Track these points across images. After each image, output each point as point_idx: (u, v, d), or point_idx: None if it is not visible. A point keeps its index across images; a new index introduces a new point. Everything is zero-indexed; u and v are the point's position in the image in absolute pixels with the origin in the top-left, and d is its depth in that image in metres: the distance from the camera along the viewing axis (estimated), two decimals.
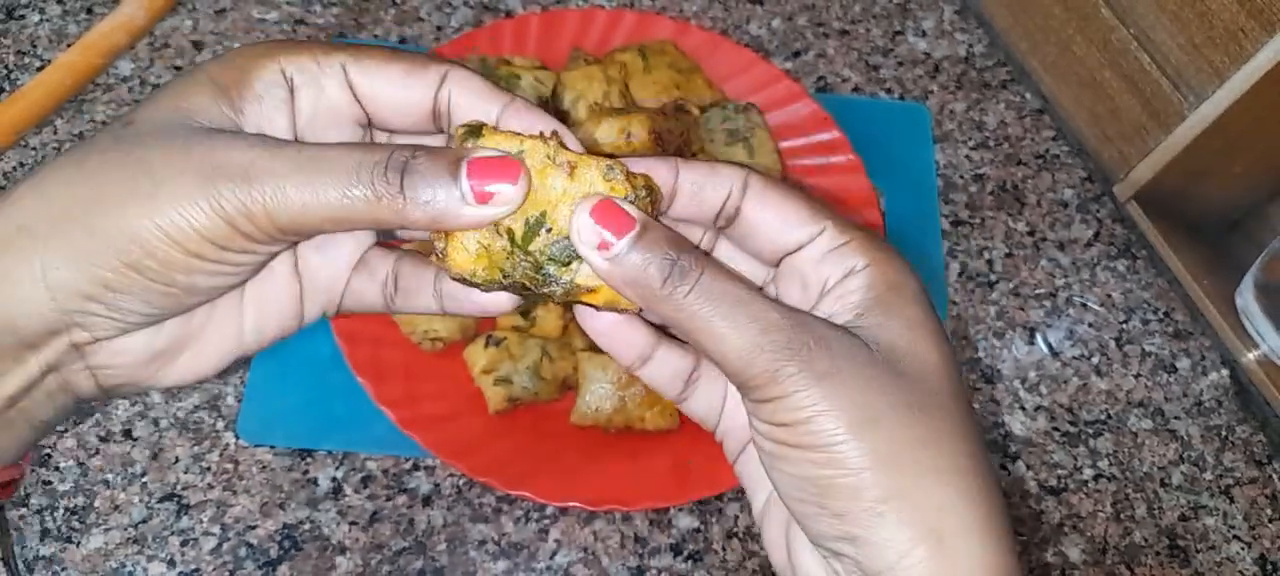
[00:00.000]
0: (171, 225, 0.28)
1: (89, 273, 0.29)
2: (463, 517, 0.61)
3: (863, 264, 0.33)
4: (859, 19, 0.88)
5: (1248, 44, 0.64)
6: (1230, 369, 0.73)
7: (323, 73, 0.32)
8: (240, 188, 0.28)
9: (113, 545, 0.58)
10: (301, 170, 0.29)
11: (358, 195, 0.29)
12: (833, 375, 0.29)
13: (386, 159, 0.30)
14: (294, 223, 0.29)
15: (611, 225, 0.30)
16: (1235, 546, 0.66)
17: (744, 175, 0.33)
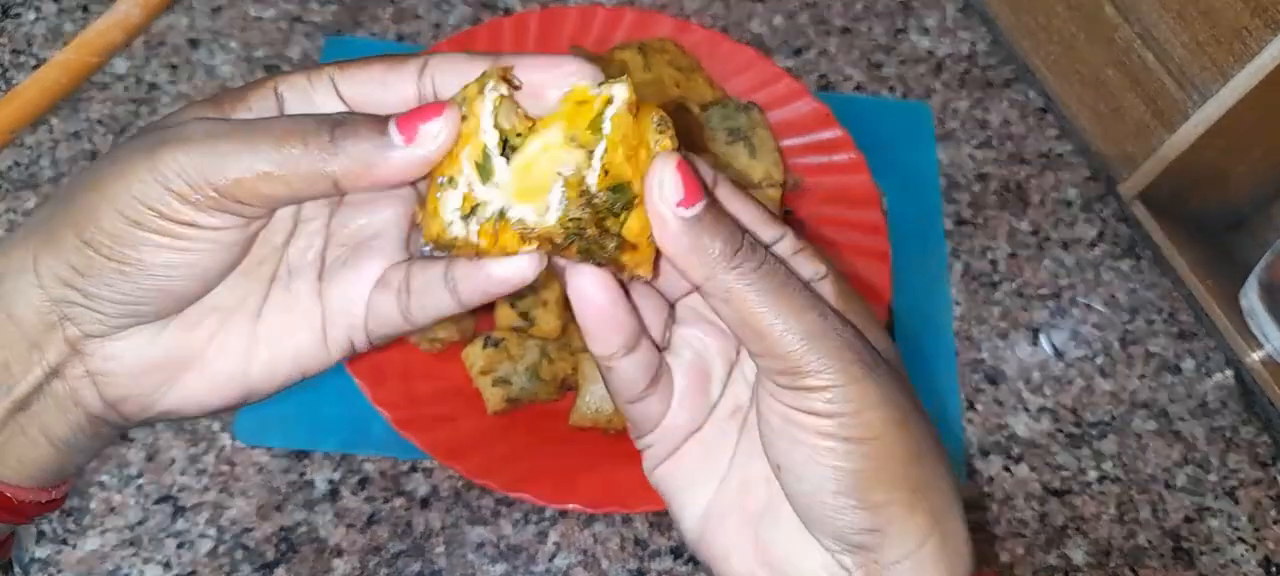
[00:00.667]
0: (116, 196, 0.29)
1: (60, 255, 0.30)
2: (461, 520, 0.61)
3: (821, 272, 0.33)
4: (861, 16, 0.88)
5: (1252, 42, 0.64)
6: (1235, 370, 0.72)
7: (313, 88, 0.32)
8: (178, 151, 0.29)
9: (108, 547, 0.58)
10: (238, 133, 0.30)
11: (291, 151, 0.29)
12: (880, 368, 0.30)
13: (318, 120, 0.30)
14: (231, 185, 0.29)
15: (692, 186, 0.29)
16: (1240, 548, 0.65)
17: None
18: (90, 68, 0.75)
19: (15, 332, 0.31)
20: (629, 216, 0.29)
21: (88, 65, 0.74)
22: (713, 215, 0.29)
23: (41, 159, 0.71)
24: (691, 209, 0.29)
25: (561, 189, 0.29)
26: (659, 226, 0.29)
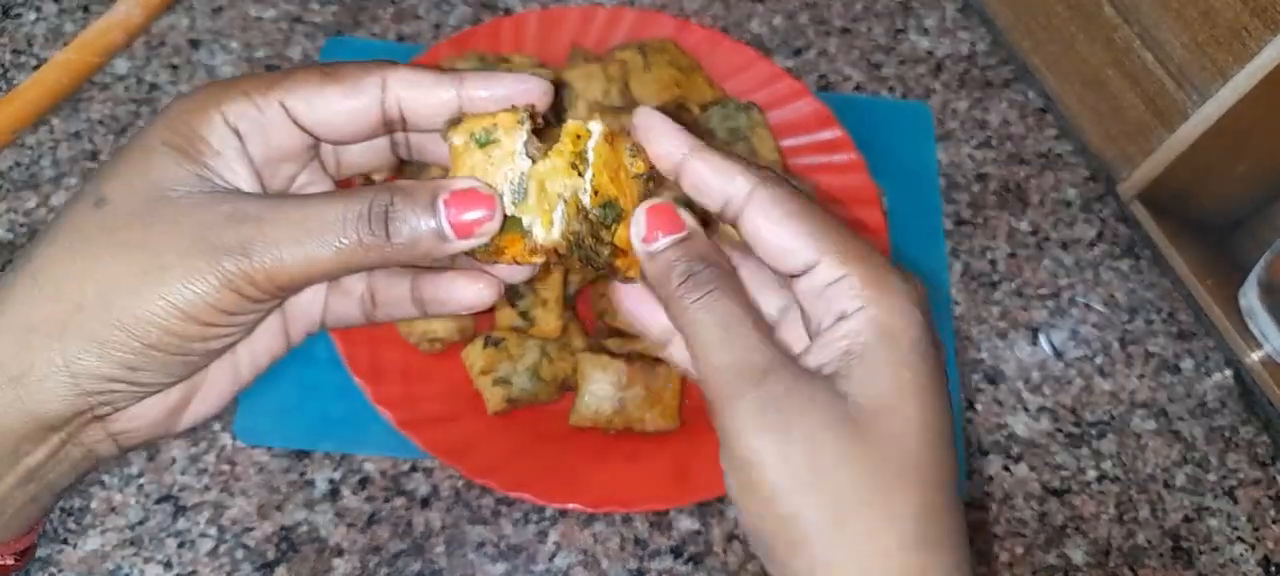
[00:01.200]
0: (185, 303, 0.31)
1: (113, 358, 0.31)
2: (461, 519, 0.61)
3: (855, 306, 0.32)
4: (861, 17, 0.88)
5: (1251, 42, 0.64)
6: (1234, 370, 0.72)
7: (263, 115, 0.34)
8: (241, 259, 0.31)
9: (109, 546, 0.58)
10: (292, 233, 0.31)
11: (347, 246, 0.32)
12: (780, 428, 0.30)
13: (367, 209, 0.32)
14: (293, 281, 0.32)
15: (664, 225, 0.34)
16: (1239, 548, 0.65)
17: (752, 186, 0.33)
18: (91, 68, 0.75)
19: (36, 425, 0.32)
20: (619, 227, 0.34)
21: (88, 65, 0.75)
22: (683, 248, 0.33)
23: (42, 159, 0.71)
24: (654, 244, 0.34)
25: (563, 208, 0.33)
26: (635, 249, 0.35)
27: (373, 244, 0.32)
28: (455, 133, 0.34)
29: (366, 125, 0.35)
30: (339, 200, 0.32)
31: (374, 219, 0.32)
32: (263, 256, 0.31)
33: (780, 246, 0.33)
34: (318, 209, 0.32)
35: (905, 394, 0.31)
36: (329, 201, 0.32)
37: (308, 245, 0.31)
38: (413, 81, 0.34)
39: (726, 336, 0.32)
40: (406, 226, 0.32)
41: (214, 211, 0.32)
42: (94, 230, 0.31)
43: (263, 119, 0.34)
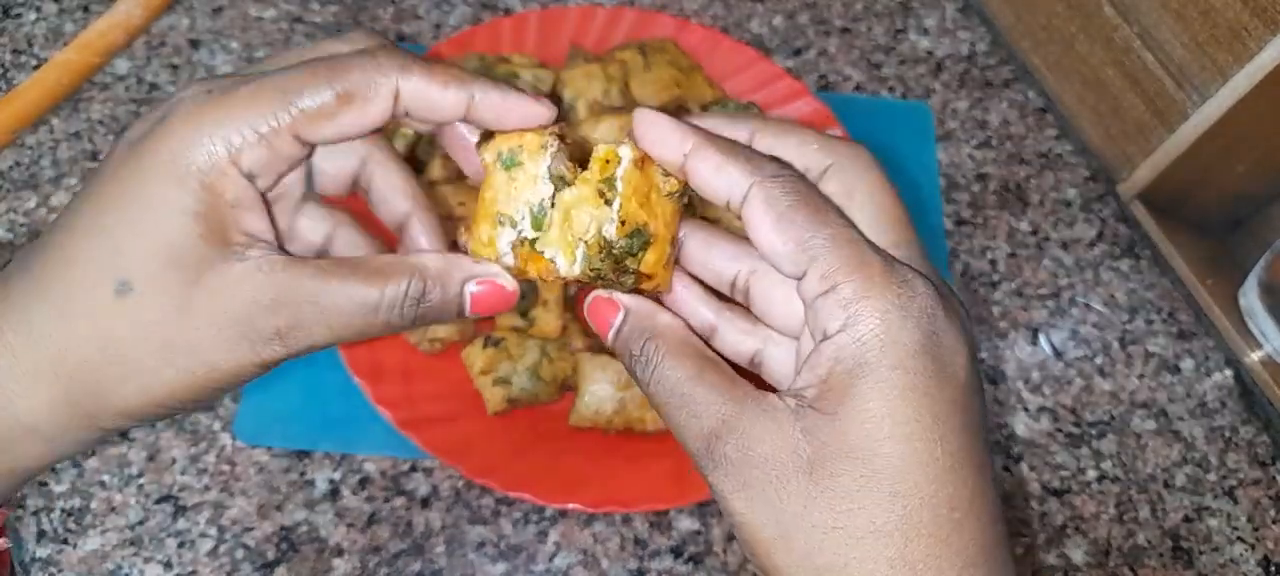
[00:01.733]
0: (222, 384, 0.33)
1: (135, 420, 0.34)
2: (461, 519, 0.61)
3: (837, 325, 0.29)
4: (861, 17, 0.88)
5: (1251, 42, 0.64)
6: (1234, 369, 0.72)
7: (275, 152, 0.33)
8: (277, 346, 0.33)
9: (109, 547, 0.58)
10: (328, 320, 0.33)
11: (376, 327, 0.34)
12: (742, 489, 0.30)
13: (403, 295, 0.34)
14: (319, 348, 0.34)
15: (601, 321, 0.36)
16: (1239, 548, 0.65)
17: (748, 184, 0.32)
18: (91, 68, 0.75)
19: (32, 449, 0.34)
20: (646, 253, 0.34)
21: (89, 65, 0.75)
22: (624, 334, 0.35)
23: (42, 159, 0.71)
24: (606, 338, 0.36)
25: (583, 249, 0.34)
26: None
27: (400, 326, 0.34)
28: (485, 149, 0.35)
29: (346, 180, 0.38)
30: (375, 283, 0.33)
31: (407, 306, 0.34)
32: (295, 342, 0.33)
33: (773, 252, 0.32)
34: (355, 292, 0.33)
35: (883, 432, 0.28)
36: (365, 284, 0.33)
37: (341, 332, 0.33)
38: (423, 90, 0.34)
39: (680, 403, 0.32)
40: (433, 312, 0.35)
41: (252, 299, 0.32)
42: (123, 326, 0.31)
43: (276, 155, 0.33)
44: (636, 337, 0.34)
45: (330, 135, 0.34)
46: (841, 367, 0.29)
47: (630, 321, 0.35)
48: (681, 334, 0.35)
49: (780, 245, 0.31)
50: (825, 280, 0.30)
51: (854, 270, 0.30)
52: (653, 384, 0.33)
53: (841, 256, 0.30)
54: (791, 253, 0.31)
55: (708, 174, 0.33)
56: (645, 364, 0.34)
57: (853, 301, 0.29)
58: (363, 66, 0.33)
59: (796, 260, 0.31)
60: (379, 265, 0.34)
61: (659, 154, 0.34)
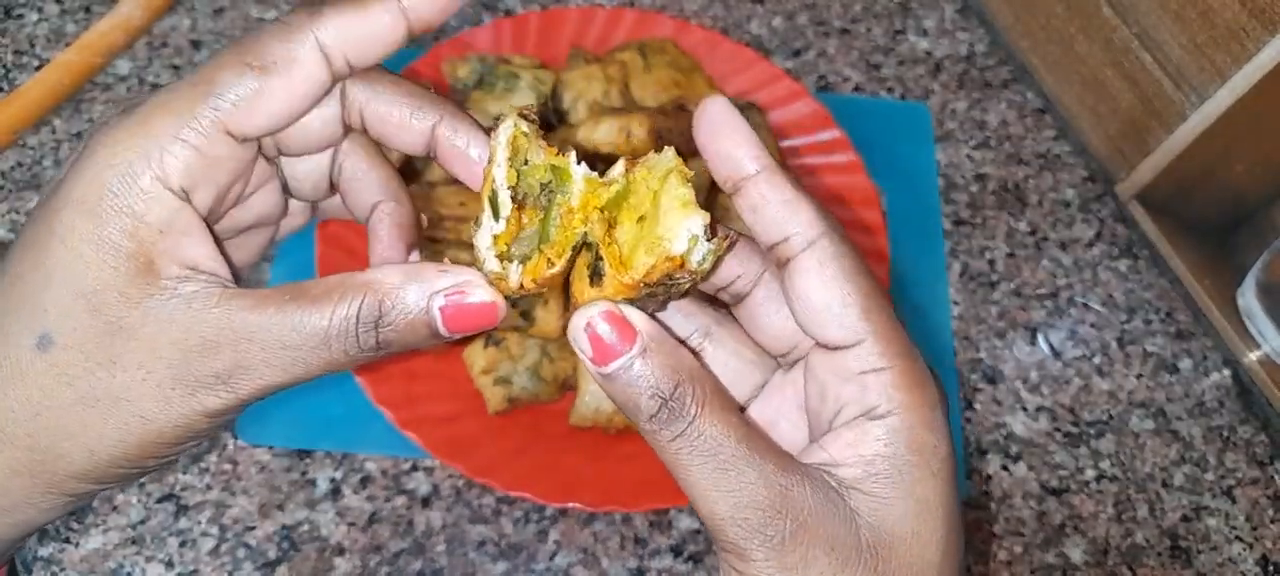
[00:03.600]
0: (162, 438, 0.30)
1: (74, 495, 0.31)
2: (462, 518, 0.61)
3: (887, 408, 0.29)
4: (860, 18, 0.88)
5: (1249, 43, 0.64)
6: (1232, 369, 0.72)
7: (208, 157, 0.30)
8: (222, 392, 0.30)
9: (111, 545, 0.58)
10: (276, 358, 0.29)
11: (335, 360, 0.30)
12: (800, 568, 0.28)
13: (355, 320, 0.30)
14: (275, 392, 0.31)
15: (607, 349, 0.29)
16: (1237, 547, 0.65)
17: (818, 233, 0.30)
18: (93, 69, 0.75)
19: None
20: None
21: (90, 66, 0.75)
22: (644, 366, 0.29)
23: (44, 159, 0.71)
24: (609, 366, 0.29)
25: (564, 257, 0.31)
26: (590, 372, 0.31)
27: (363, 356, 0.30)
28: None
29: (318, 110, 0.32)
30: (323, 308, 0.29)
31: (362, 331, 0.29)
32: (243, 387, 0.29)
33: (826, 311, 0.29)
34: (299, 322, 0.29)
35: (928, 521, 0.29)
36: (310, 310, 0.29)
37: (295, 370, 0.29)
38: (348, 30, 0.31)
39: (723, 477, 0.28)
40: (398, 335, 0.30)
41: (183, 341, 0.29)
42: (48, 383, 0.29)
43: (209, 162, 0.30)
44: (665, 379, 0.29)
45: (266, 120, 0.30)
46: (890, 451, 0.29)
47: (655, 357, 0.29)
48: (717, 381, 0.30)
49: (839, 308, 0.29)
50: (881, 358, 0.29)
51: (903, 356, 0.30)
52: (683, 441, 0.28)
53: (895, 339, 0.30)
54: (852, 319, 0.29)
55: (774, 202, 0.30)
56: (678, 416, 0.28)
57: (901, 388, 0.29)
58: (273, 31, 0.30)
59: (854, 329, 0.29)
60: (326, 286, 0.30)
61: (723, 151, 0.30)
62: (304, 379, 0.30)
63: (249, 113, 0.30)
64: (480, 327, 0.31)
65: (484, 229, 0.31)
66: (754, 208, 0.30)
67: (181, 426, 0.30)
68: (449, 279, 0.30)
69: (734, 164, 0.30)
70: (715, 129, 0.30)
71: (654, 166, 0.31)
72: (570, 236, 0.31)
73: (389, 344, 0.30)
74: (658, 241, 0.29)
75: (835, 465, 0.29)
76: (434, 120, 0.33)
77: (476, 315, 0.30)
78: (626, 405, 0.29)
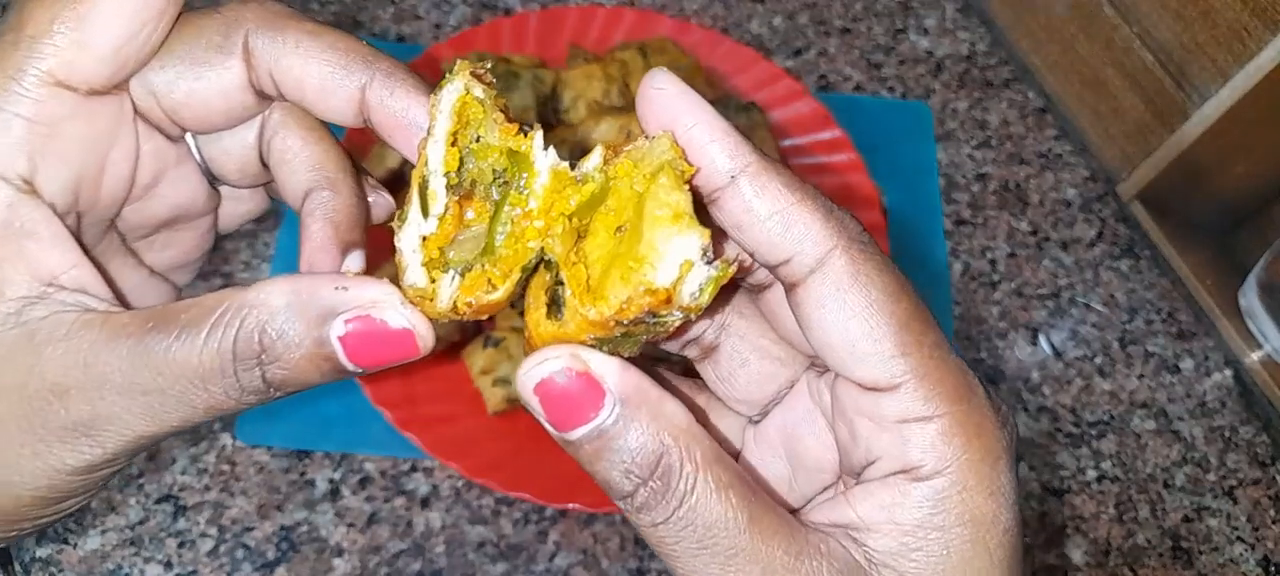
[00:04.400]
0: (27, 498, 0.25)
1: None
2: (461, 519, 0.61)
3: (935, 466, 0.23)
4: (860, 17, 0.88)
5: (1250, 43, 0.64)
6: (1234, 369, 0.72)
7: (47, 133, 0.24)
8: (85, 445, 0.24)
9: (109, 546, 0.58)
10: (142, 405, 0.23)
11: (218, 402, 0.24)
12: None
13: (232, 353, 0.23)
14: (157, 442, 0.25)
15: (571, 413, 0.22)
16: (1239, 548, 0.65)
17: (829, 247, 0.23)
18: None
19: None
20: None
21: None
22: (622, 431, 0.22)
23: None
24: (574, 433, 0.23)
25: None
26: None
27: (251, 400, 0.24)
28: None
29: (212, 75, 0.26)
30: (191, 338, 0.23)
31: (242, 370, 0.23)
32: (110, 440, 0.24)
33: (849, 350, 0.23)
34: (163, 358, 0.23)
35: None
36: (177, 340, 0.23)
37: (164, 416, 0.24)
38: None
39: (725, 552, 0.22)
40: (292, 376, 0.24)
41: (25, 386, 0.23)
42: None
43: (48, 129, 0.24)
44: (646, 451, 0.22)
45: (107, 50, 0.24)
46: (937, 521, 0.23)
47: (632, 422, 0.22)
48: (713, 446, 0.24)
49: (867, 344, 0.23)
50: (925, 403, 0.23)
51: (953, 398, 0.23)
52: (669, 528, 0.23)
53: (943, 375, 0.23)
54: (882, 359, 0.23)
55: (765, 222, 0.23)
56: (662, 498, 0.22)
57: (954, 438, 0.23)
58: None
59: (888, 370, 0.23)
60: (201, 308, 0.24)
61: (698, 157, 0.24)
62: (184, 427, 0.24)
63: (79, 49, 0.23)
64: (397, 361, 0.24)
65: (409, 226, 0.24)
66: (739, 226, 0.24)
67: (43, 489, 0.24)
68: (352, 298, 0.23)
69: (712, 172, 0.23)
70: (667, 116, 0.24)
71: (642, 158, 0.24)
72: (522, 252, 0.24)
73: (282, 384, 0.24)
74: (639, 265, 0.22)
75: (864, 530, 0.24)
76: (363, 80, 0.27)
77: (390, 345, 0.23)
78: (597, 479, 0.23)
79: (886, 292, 0.23)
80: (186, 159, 0.29)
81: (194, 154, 0.29)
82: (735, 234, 0.24)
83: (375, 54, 0.27)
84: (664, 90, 0.24)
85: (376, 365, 0.24)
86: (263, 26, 0.26)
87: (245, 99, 0.27)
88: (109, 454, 0.24)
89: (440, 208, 0.24)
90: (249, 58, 0.26)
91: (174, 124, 0.27)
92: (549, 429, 0.23)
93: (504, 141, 0.25)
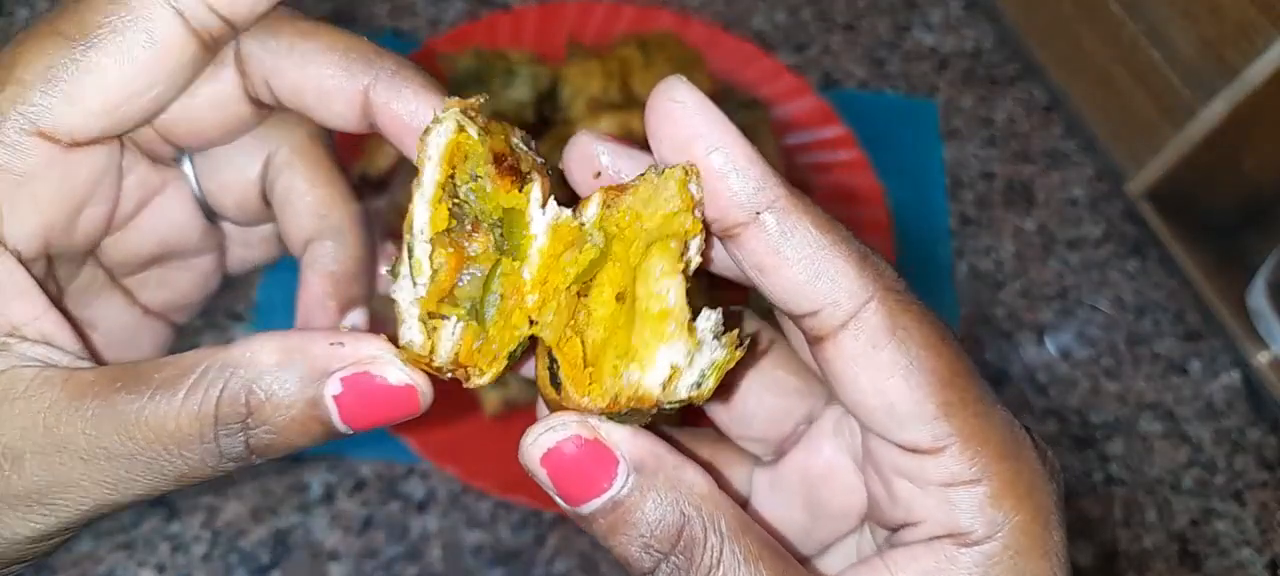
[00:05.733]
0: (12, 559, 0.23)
1: None
2: (458, 523, 0.60)
3: (986, 531, 0.21)
4: (864, 12, 0.87)
5: (1259, 40, 0.63)
6: (1242, 371, 0.71)
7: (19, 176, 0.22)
8: (40, 516, 0.22)
9: (103, 550, 0.57)
10: (94, 473, 0.21)
11: (199, 470, 0.22)
12: None
13: (213, 417, 0.21)
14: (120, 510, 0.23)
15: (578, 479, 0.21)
16: (1246, 551, 0.64)
17: (864, 299, 0.21)
18: None
19: None
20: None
21: None
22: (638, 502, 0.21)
23: None
24: (586, 507, 0.21)
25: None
26: None
27: (228, 467, 0.22)
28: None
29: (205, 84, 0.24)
30: (168, 399, 0.21)
31: (224, 435, 0.21)
32: (65, 509, 0.22)
33: (887, 413, 0.21)
34: (133, 420, 0.21)
35: None
36: (150, 401, 0.21)
37: (129, 485, 0.21)
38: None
39: None
40: (280, 441, 0.22)
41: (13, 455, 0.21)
42: None
43: (18, 178, 0.22)
44: (665, 523, 0.21)
45: (98, 108, 0.22)
46: None
47: (649, 492, 0.21)
48: (740, 513, 0.22)
49: (908, 406, 0.21)
50: (972, 465, 0.21)
51: (1002, 457, 0.22)
52: None
53: (989, 437, 0.22)
54: (924, 421, 0.21)
55: (794, 267, 0.21)
56: (693, 569, 0.21)
57: (1003, 501, 0.21)
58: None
59: (933, 432, 0.21)
60: (178, 367, 0.22)
61: (717, 194, 0.21)
62: (150, 496, 0.22)
63: (69, 102, 0.22)
64: (397, 419, 0.23)
65: (405, 281, 0.22)
66: (762, 268, 0.21)
67: (27, 550, 0.23)
68: (349, 353, 0.22)
69: (728, 210, 0.21)
70: (683, 136, 0.21)
71: (648, 203, 0.22)
72: (510, 336, 0.23)
73: (267, 449, 0.22)
74: (627, 359, 0.21)
75: None
76: (366, 82, 0.24)
77: (390, 403, 0.22)
78: (614, 554, 0.22)
79: (927, 347, 0.21)
80: (173, 187, 0.27)
81: (191, 184, 0.27)
82: (756, 277, 0.22)
83: (378, 52, 0.25)
84: (682, 105, 0.21)
85: (372, 425, 0.22)
86: (255, 30, 0.24)
87: (241, 110, 0.25)
88: (62, 523, 0.22)
89: (426, 278, 0.22)
90: (243, 65, 0.24)
91: (165, 143, 0.25)
92: (559, 502, 0.22)
93: (497, 198, 0.22)
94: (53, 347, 0.23)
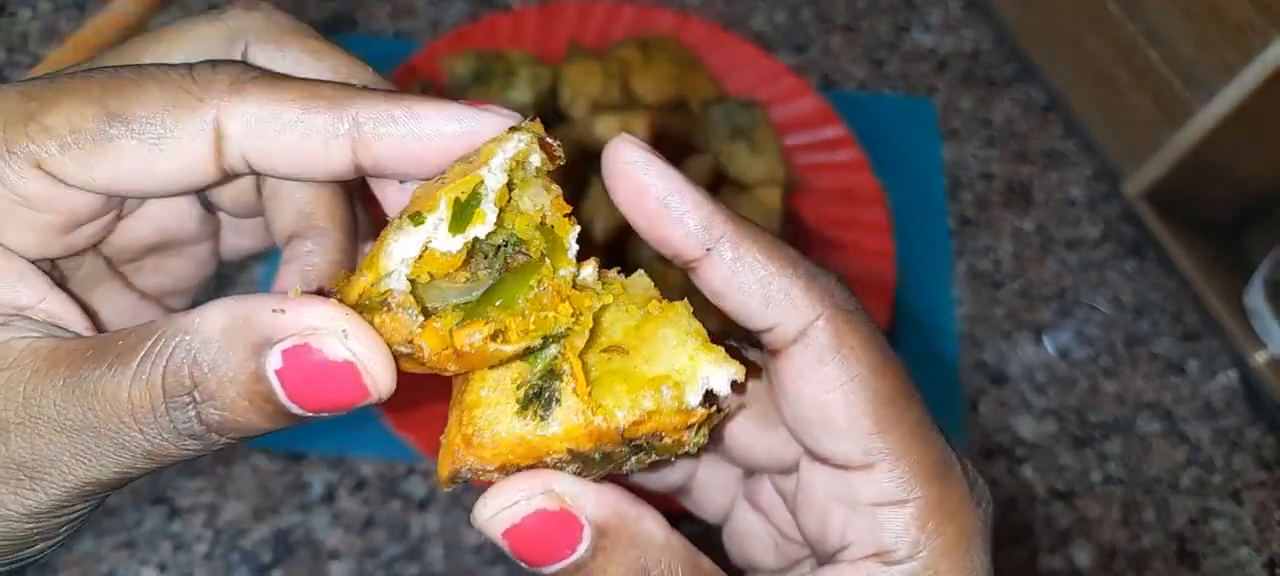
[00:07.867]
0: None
1: None
2: (459, 522, 0.60)
3: (909, 551, 0.22)
4: (864, 13, 0.87)
5: (1258, 40, 0.63)
6: (1240, 370, 0.71)
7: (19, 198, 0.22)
8: (31, 492, 0.22)
9: (104, 549, 0.57)
10: (70, 446, 0.21)
11: (157, 449, 0.21)
12: None
13: (160, 390, 0.20)
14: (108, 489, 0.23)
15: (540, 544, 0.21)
16: (1245, 550, 0.65)
17: (811, 319, 0.22)
18: None
19: None
20: None
21: None
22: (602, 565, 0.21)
23: None
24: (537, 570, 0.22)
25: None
26: None
27: (189, 445, 0.21)
28: None
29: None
30: (122, 370, 0.20)
31: (174, 408, 0.20)
32: (52, 484, 0.21)
33: (823, 423, 0.23)
34: (95, 391, 0.20)
35: None
36: (110, 374, 0.20)
37: (100, 460, 0.21)
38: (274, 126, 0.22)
39: None
40: (232, 419, 0.21)
41: None
42: None
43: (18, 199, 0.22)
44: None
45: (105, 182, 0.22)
46: None
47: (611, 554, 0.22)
48: (694, 556, 0.24)
49: (842, 419, 0.22)
50: (900, 486, 0.22)
51: (929, 480, 0.23)
52: None
53: (920, 460, 0.23)
54: (857, 435, 0.22)
55: (743, 292, 0.23)
56: None
57: (927, 526, 0.23)
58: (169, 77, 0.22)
59: (865, 447, 0.22)
60: (137, 334, 0.21)
61: (663, 237, 0.23)
62: (126, 475, 0.21)
63: (81, 167, 0.22)
64: (346, 403, 0.21)
65: (418, 233, 0.22)
66: (718, 294, 0.23)
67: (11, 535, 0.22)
68: (288, 322, 0.20)
69: (683, 252, 0.23)
70: (634, 189, 0.22)
71: (624, 290, 0.25)
72: (546, 321, 0.23)
73: (220, 427, 0.21)
74: (658, 382, 0.22)
75: None
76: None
77: (331, 381, 0.21)
78: None
79: (869, 367, 0.23)
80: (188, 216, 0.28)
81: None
82: (717, 303, 0.24)
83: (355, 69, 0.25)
84: (632, 165, 0.22)
85: (323, 406, 0.21)
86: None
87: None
88: (54, 500, 0.21)
89: (488, 226, 0.22)
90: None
91: None
92: (519, 562, 0.22)
93: (555, 211, 0.23)
94: (60, 328, 0.22)
